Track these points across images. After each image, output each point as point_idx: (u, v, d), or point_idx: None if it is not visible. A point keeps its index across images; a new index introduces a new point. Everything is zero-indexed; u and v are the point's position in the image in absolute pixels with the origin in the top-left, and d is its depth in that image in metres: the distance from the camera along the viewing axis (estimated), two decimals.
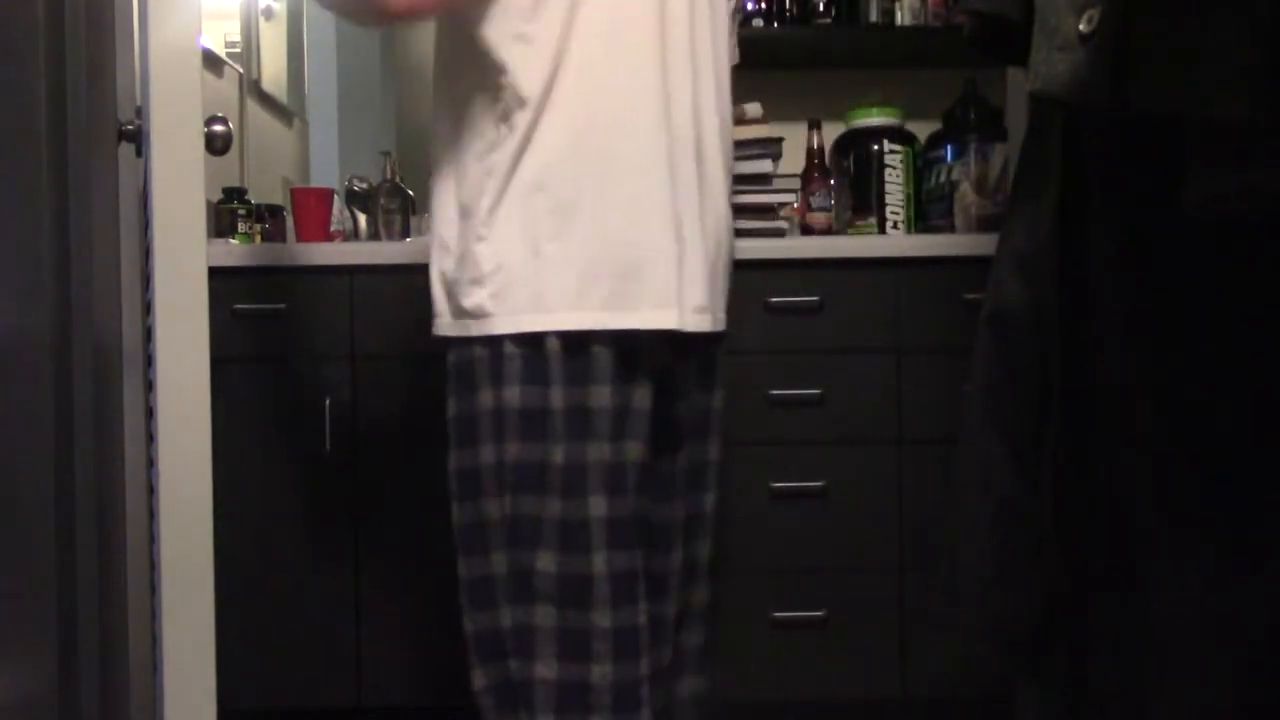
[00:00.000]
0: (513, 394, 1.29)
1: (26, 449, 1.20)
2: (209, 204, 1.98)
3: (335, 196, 2.44)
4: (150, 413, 1.45)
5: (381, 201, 2.42)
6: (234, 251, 2.09)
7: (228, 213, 2.34)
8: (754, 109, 2.09)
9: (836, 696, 2.06)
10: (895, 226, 2.32)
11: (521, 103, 1.27)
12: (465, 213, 1.33)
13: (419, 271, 2.06)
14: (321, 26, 2.84)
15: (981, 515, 1.21)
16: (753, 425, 2.04)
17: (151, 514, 1.46)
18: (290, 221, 2.43)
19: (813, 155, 2.37)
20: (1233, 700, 1.04)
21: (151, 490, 1.45)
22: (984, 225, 2.17)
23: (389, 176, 2.45)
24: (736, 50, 1.56)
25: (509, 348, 1.29)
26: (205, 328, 1.46)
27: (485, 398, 1.31)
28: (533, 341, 1.28)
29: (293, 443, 2.03)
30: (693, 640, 1.47)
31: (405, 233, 2.43)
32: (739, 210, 2.07)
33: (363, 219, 2.44)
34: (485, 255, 1.29)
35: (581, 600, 1.29)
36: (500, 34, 1.28)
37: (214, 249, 1.86)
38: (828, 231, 2.34)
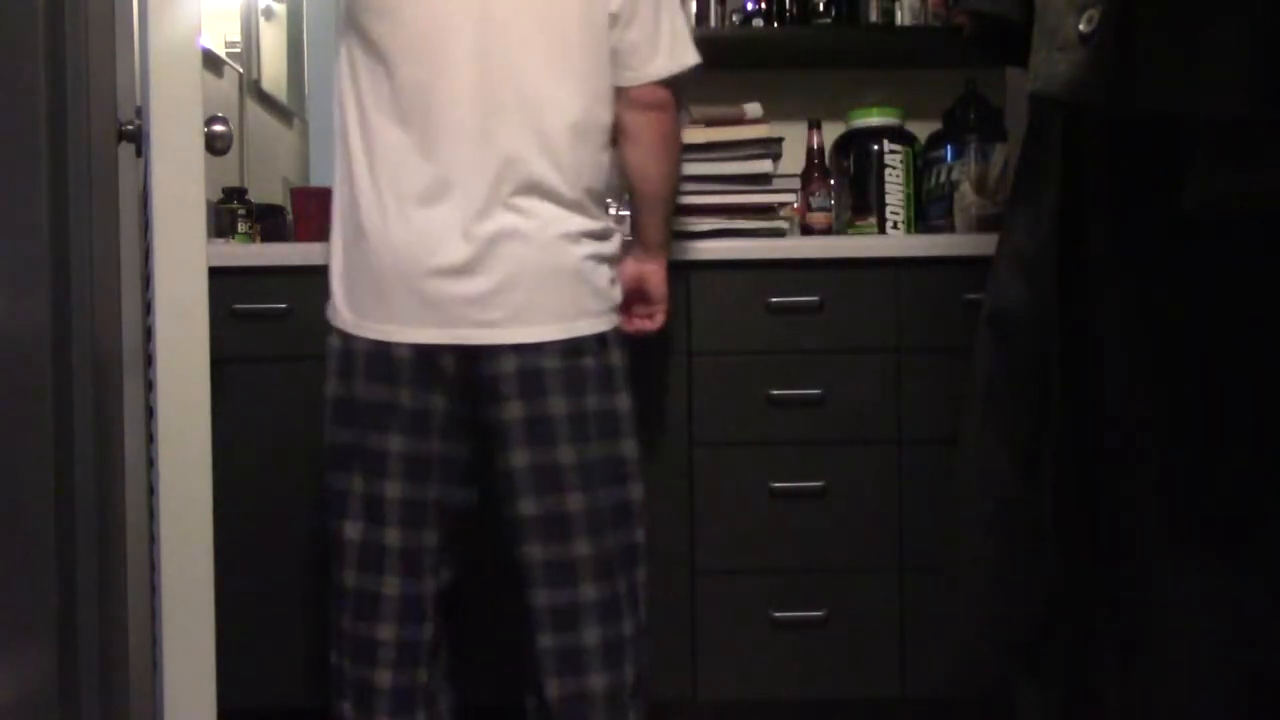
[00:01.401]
0: None
1: (26, 449, 1.20)
2: (209, 204, 1.97)
3: None
4: (150, 413, 1.45)
5: None
6: (234, 251, 2.09)
7: (228, 213, 2.34)
8: (754, 109, 2.09)
9: (836, 696, 2.06)
10: (895, 226, 2.32)
11: None
12: None
13: None
14: (322, 26, 2.85)
15: (981, 515, 1.21)
16: (753, 425, 2.04)
17: (151, 514, 1.46)
18: (290, 221, 2.43)
19: (813, 155, 2.37)
20: (1230, 700, 1.04)
21: (151, 490, 1.45)
22: (984, 225, 2.17)
23: None
24: (624, 72, 1.56)
25: None
26: (205, 328, 1.46)
27: None
28: None
29: (292, 443, 2.03)
30: (556, 641, 1.52)
31: None
32: (739, 210, 2.08)
33: None
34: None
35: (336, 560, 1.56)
36: None
37: (214, 249, 1.86)
38: (828, 231, 2.34)
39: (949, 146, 2.30)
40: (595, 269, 1.53)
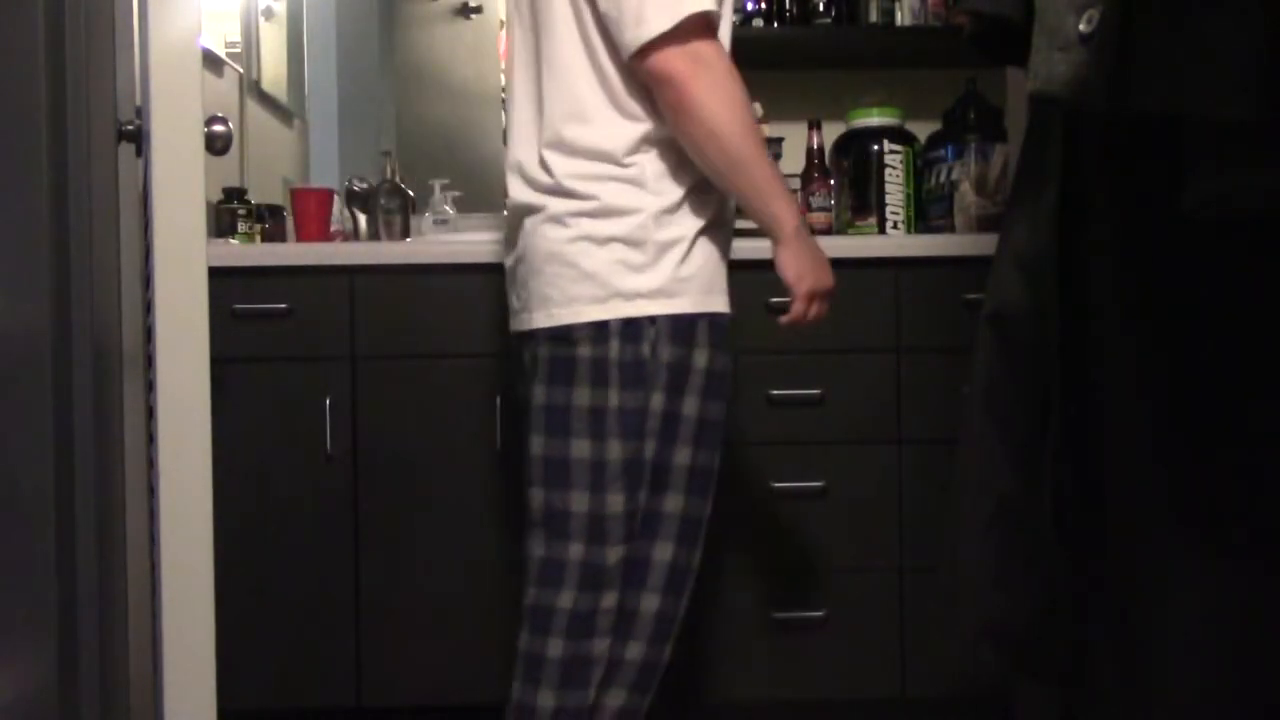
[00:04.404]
0: None
1: (26, 449, 1.20)
2: (209, 204, 1.97)
3: (335, 196, 2.44)
4: (150, 413, 1.45)
5: (381, 201, 2.42)
6: (234, 251, 2.09)
7: (228, 213, 2.34)
8: (754, 109, 2.09)
9: (836, 696, 2.06)
10: (895, 226, 2.32)
11: None
12: None
13: (418, 272, 2.06)
14: (321, 26, 2.84)
15: (981, 515, 1.21)
16: (753, 425, 2.04)
17: (151, 514, 1.46)
18: (290, 221, 2.43)
19: (813, 155, 2.37)
20: (1231, 701, 1.04)
21: (151, 490, 1.45)
22: (984, 225, 2.17)
23: (389, 176, 2.45)
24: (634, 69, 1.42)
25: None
26: (205, 328, 1.46)
27: None
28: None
29: (293, 443, 2.03)
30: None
31: (405, 233, 2.43)
32: (739, 210, 2.08)
33: (363, 219, 2.44)
34: None
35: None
36: None
37: (214, 249, 1.86)
38: (828, 231, 2.34)
39: (949, 146, 2.30)
40: (588, 251, 1.43)
